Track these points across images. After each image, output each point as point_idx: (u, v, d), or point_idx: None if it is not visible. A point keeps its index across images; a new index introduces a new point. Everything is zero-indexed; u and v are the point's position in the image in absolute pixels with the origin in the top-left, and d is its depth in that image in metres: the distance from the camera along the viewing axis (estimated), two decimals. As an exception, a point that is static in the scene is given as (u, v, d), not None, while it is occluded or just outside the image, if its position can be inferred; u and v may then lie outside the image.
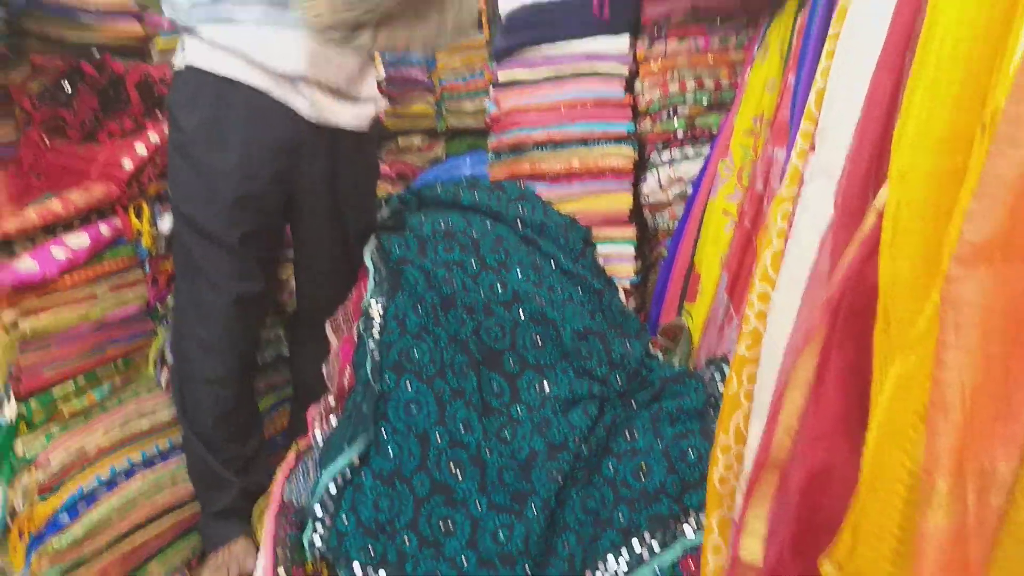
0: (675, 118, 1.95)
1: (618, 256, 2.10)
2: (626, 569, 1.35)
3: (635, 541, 1.37)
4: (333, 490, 1.45)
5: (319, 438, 1.61)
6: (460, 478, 1.47)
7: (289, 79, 1.52)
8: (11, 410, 1.43)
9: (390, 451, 1.49)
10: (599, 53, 1.99)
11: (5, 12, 1.83)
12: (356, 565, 1.38)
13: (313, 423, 1.67)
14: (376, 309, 1.65)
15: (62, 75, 1.82)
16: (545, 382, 1.61)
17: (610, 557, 1.36)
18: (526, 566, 1.39)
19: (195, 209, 1.57)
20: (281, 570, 1.39)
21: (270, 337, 2.08)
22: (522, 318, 1.65)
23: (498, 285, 1.69)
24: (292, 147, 1.57)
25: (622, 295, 2.03)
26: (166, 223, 1.76)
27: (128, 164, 1.72)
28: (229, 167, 1.51)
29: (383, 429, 1.51)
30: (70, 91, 1.78)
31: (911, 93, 0.73)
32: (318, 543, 1.41)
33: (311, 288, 1.87)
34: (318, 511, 1.43)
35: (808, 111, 1.19)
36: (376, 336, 1.61)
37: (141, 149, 1.75)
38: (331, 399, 1.69)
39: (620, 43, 1.96)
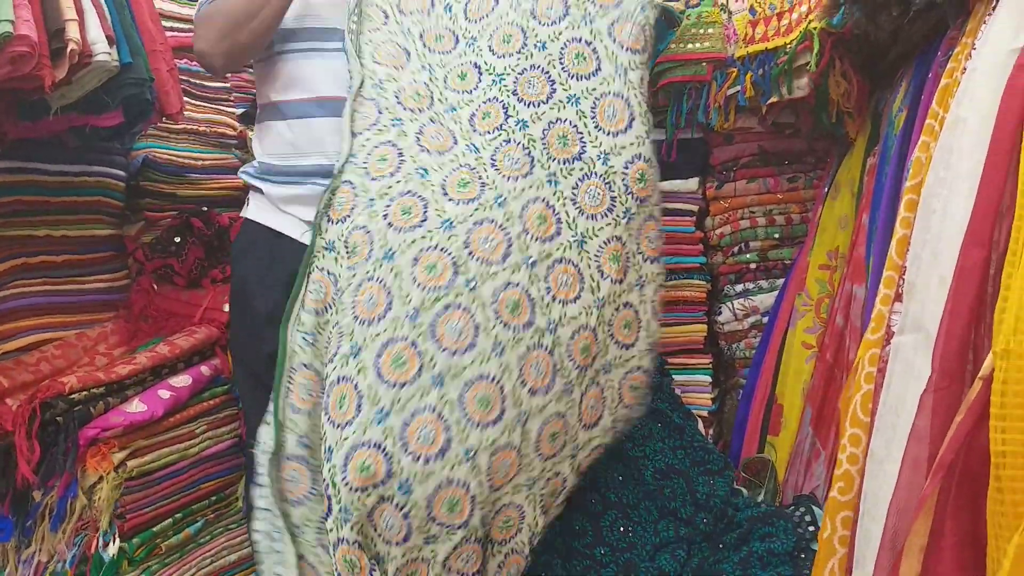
0: (747, 252, 1.99)
1: (694, 385, 2.10)
2: None
3: None
4: None
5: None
6: None
7: None
8: (115, 548, 1.49)
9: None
10: (668, 192, 2.07)
11: (123, 172, 2.02)
12: None
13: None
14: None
15: (173, 228, 1.98)
16: (628, 523, 1.60)
17: None
18: None
19: (243, 349, 1.63)
20: None
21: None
22: (602, 456, 1.66)
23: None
24: None
25: (700, 426, 2.02)
26: (260, 362, 1.85)
27: (228, 308, 1.83)
28: (271, 309, 1.53)
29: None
30: (179, 242, 1.93)
31: (1009, 277, 0.77)
32: None
33: None
34: None
35: (890, 259, 1.23)
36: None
37: (240, 293, 1.86)
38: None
39: (689, 184, 2.04)
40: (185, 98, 2.07)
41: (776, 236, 1.98)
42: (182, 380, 1.69)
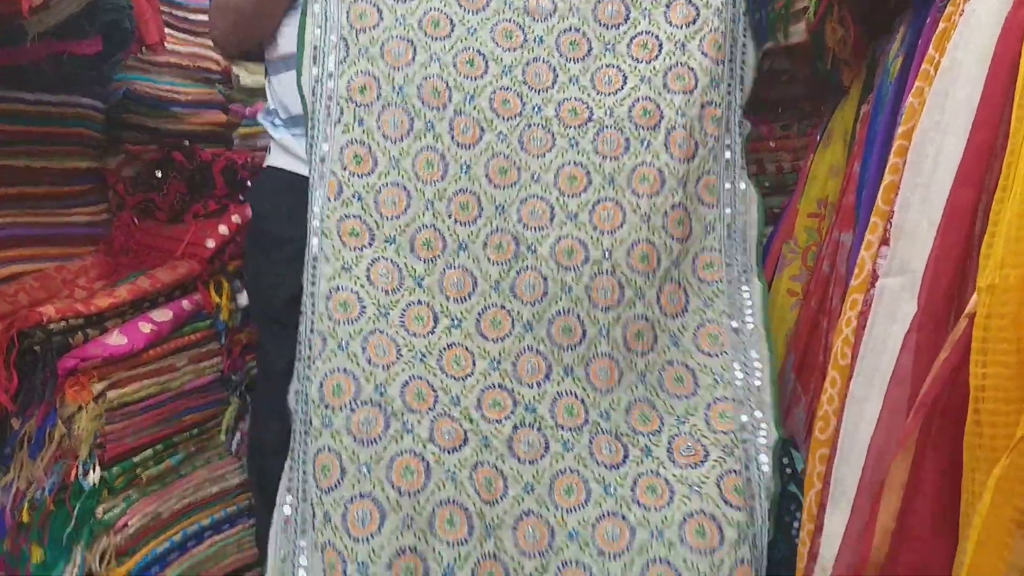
0: (736, 200, 1.98)
1: (678, 334, 2.12)
2: None
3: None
4: None
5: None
6: None
7: None
8: (95, 476, 1.49)
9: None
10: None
11: (103, 103, 1.97)
12: None
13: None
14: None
15: (155, 162, 1.95)
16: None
17: None
18: None
19: (262, 291, 1.67)
20: None
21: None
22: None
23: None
24: None
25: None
26: (244, 298, 1.85)
27: (211, 243, 1.82)
28: (290, 235, 1.58)
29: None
30: (160, 176, 1.90)
31: (997, 214, 0.77)
32: None
33: None
34: None
35: (876, 206, 1.22)
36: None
37: (223, 229, 1.85)
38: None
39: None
40: (168, 31, 2.02)
41: (766, 184, 1.97)
42: (163, 314, 1.68)
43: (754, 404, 1.52)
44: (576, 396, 1.51)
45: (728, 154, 1.64)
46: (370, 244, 1.52)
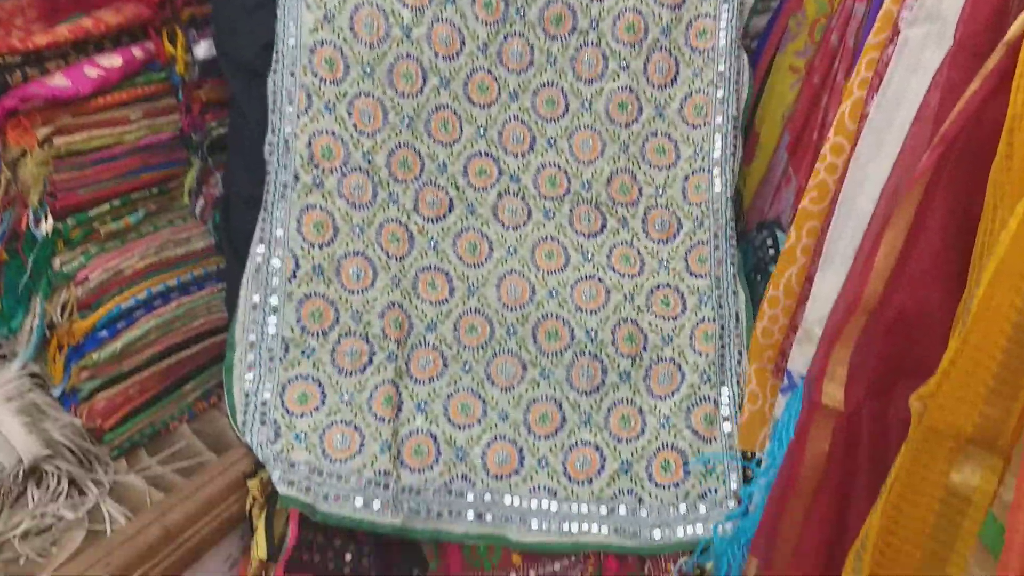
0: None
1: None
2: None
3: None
4: None
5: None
6: None
7: None
8: (48, 226, 1.42)
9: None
10: None
11: None
12: None
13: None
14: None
15: None
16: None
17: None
18: None
19: (230, 42, 1.60)
20: None
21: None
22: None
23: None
24: None
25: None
26: (201, 50, 1.68)
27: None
28: None
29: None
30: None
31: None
32: None
33: None
34: None
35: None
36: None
37: (174, -31, 1.65)
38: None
39: None
40: None
41: (779, -50, 1.78)
42: (111, 59, 1.53)
43: (730, 173, 1.56)
44: (559, 167, 1.54)
45: None
46: None
